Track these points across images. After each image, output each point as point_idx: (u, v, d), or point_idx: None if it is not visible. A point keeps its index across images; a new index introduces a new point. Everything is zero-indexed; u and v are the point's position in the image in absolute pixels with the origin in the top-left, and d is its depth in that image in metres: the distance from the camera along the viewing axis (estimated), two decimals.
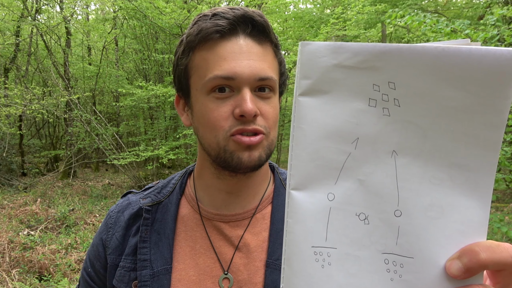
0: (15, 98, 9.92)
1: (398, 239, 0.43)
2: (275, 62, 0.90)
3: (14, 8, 13.19)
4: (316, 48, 0.43)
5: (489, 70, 0.39)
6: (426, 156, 0.42)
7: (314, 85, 0.44)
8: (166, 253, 0.91)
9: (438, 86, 0.41)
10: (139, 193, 1.04)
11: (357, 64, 0.42)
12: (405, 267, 0.43)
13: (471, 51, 0.39)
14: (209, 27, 0.83)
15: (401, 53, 0.41)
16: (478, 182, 0.42)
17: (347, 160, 0.44)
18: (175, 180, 1.03)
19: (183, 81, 0.91)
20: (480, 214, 0.42)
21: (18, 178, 12.03)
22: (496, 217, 4.36)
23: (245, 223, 0.94)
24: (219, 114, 0.82)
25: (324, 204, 0.44)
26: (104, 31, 15.16)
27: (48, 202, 8.78)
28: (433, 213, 0.42)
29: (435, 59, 0.40)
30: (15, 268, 5.18)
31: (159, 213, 0.96)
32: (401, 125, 0.43)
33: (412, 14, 4.65)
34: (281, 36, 12.18)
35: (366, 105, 0.43)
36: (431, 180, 0.42)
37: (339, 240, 0.44)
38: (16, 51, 12.72)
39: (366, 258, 0.44)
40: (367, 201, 0.44)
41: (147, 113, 14.10)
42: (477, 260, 0.40)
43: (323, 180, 0.45)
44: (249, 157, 0.83)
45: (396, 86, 0.42)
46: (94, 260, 1.00)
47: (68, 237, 6.49)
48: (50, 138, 17.19)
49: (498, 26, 4.47)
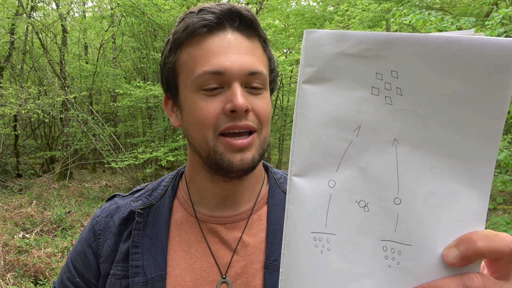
0: (10, 97, 9.93)
1: (397, 227, 0.44)
2: (264, 57, 0.90)
3: (9, 5, 13.21)
4: (321, 36, 0.44)
5: (491, 60, 0.40)
6: (426, 145, 0.43)
7: (317, 73, 0.45)
8: (159, 258, 0.89)
9: (440, 76, 0.42)
10: (127, 196, 1.02)
11: (361, 52, 0.43)
12: (403, 254, 0.44)
13: (473, 41, 0.40)
14: (195, 22, 0.83)
15: (405, 42, 0.42)
16: (477, 172, 0.43)
17: (348, 148, 0.45)
18: (165, 182, 1.02)
19: (171, 80, 0.91)
20: (479, 203, 0.43)
21: (13, 179, 12.05)
22: (503, 220, 4.36)
23: (241, 225, 0.93)
24: (209, 111, 0.81)
25: (325, 190, 0.46)
26: (101, 28, 15.16)
27: (44, 204, 8.79)
28: (432, 201, 0.43)
29: (437, 48, 0.41)
30: (10, 272, 5.19)
31: (151, 216, 0.94)
32: (403, 114, 0.43)
33: (417, 12, 4.66)
34: (283, 33, 12.18)
35: (368, 93, 0.44)
36: (431, 169, 0.43)
37: (339, 226, 0.46)
38: (11, 49, 12.72)
39: (365, 245, 0.45)
40: (367, 189, 0.45)
41: (146, 113, 14.11)
42: (474, 249, 0.41)
43: (325, 167, 0.46)
44: (241, 161, 0.82)
45: (399, 75, 0.43)
46: (82, 269, 0.95)
47: (65, 240, 6.49)
48: (46, 139, 17.19)
49: (505, 24, 4.48)
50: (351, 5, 10.37)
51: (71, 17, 15.28)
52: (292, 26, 14.72)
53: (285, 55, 14.65)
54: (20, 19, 12.37)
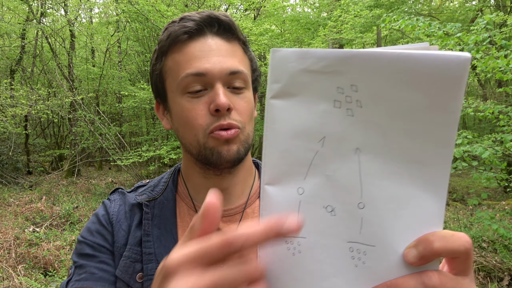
0: (21, 98, 9.91)
1: (361, 229, 0.45)
2: (245, 58, 0.91)
3: (19, 11, 13.19)
4: (285, 54, 0.45)
5: (441, 74, 0.41)
6: (386, 153, 0.44)
7: (283, 88, 0.46)
8: (172, 247, 0.89)
9: (395, 88, 0.42)
10: (131, 192, 1.03)
11: (322, 68, 0.44)
12: (368, 255, 0.45)
13: (423, 56, 0.41)
14: (177, 30, 0.85)
15: (361, 58, 0.43)
16: (434, 177, 0.44)
17: (315, 157, 0.46)
18: (165, 179, 1.03)
19: (159, 86, 0.92)
20: (436, 206, 0.44)
21: (24, 176, 12.03)
22: (487, 214, 4.37)
23: (237, 218, 0.94)
24: (196, 113, 0.83)
25: (294, 197, 0.47)
26: (107, 33, 15.16)
27: (53, 200, 8.78)
28: (393, 205, 0.44)
29: (391, 63, 0.42)
30: (21, 264, 5.18)
31: (156, 209, 0.95)
32: (364, 125, 0.44)
33: (406, 18, 4.66)
34: (279, 38, 12.17)
35: (331, 106, 0.45)
36: (391, 175, 0.44)
37: (308, 230, 0.47)
38: (21, 53, 12.69)
39: (333, 247, 0.46)
40: (334, 195, 0.46)
41: (149, 114, 14.11)
42: (431, 249, 0.42)
43: (294, 176, 0.47)
44: (227, 151, 0.83)
45: (358, 88, 0.44)
46: (99, 240, 0.92)
47: (72, 233, 6.49)
48: (55, 138, 17.17)
49: (489, 29, 4.48)
50: (344, 11, 10.36)
51: (78, 23, 15.27)
52: (288, 31, 14.72)
53: None
54: (31, 25, 12.32)
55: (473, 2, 13.83)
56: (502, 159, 4.81)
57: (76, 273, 0.89)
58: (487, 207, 7.86)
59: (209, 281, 0.39)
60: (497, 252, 5.23)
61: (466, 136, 4.51)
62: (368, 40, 15.48)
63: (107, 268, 0.90)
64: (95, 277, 0.88)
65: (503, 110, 4.49)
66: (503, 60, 4.12)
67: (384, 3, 11.98)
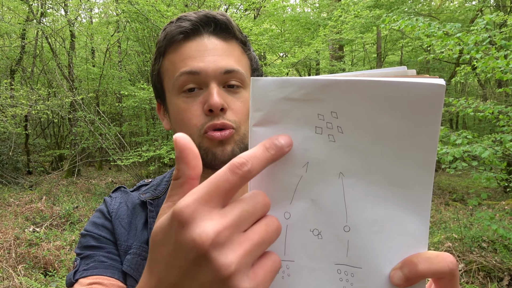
0: (21, 99, 9.91)
1: (348, 252, 0.46)
2: (243, 57, 0.90)
3: (20, 11, 13.18)
4: (265, 83, 0.45)
5: (416, 101, 0.41)
6: (369, 176, 0.45)
7: (265, 116, 0.46)
8: None
9: (374, 114, 0.43)
10: (134, 190, 1.02)
11: (302, 96, 0.44)
12: (355, 276, 0.46)
13: (399, 85, 0.41)
14: (173, 30, 0.85)
15: (340, 86, 0.43)
16: (416, 199, 0.44)
17: (299, 182, 0.46)
18: (167, 178, 1.02)
19: (158, 86, 0.93)
20: (420, 227, 0.44)
21: (24, 176, 12.02)
22: (487, 214, 4.37)
23: None
24: (191, 113, 0.83)
25: (281, 222, 0.46)
26: (107, 33, 15.14)
27: (53, 200, 8.77)
28: (377, 227, 0.45)
29: (368, 90, 0.42)
30: (21, 264, 5.18)
31: (160, 207, 0.94)
32: (345, 150, 0.45)
33: (406, 19, 4.66)
34: (279, 38, 12.17)
35: (313, 132, 0.45)
36: (374, 198, 0.45)
37: (296, 253, 0.47)
38: (21, 53, 12.69)
39: (321, 269, 0.47)
40: (319, 218, 0.46)
41: (149, 114, 14.10)
42: (416, 271, 0.42)
43: (280, 201, 0.47)
44: (222, 152, 0.83)
45: (338, 115, 0.44)
46: (106, 235, 0.91)
47: (72, 233, 6.49)
48: (55, 138, 17.16)
49: (489, 29, 4.48)
50: (344, 11, 10.35)
51: (78, 23, 15.27)
52: (288, 31, 14.73)
53: (281, 59, 14.63)
54: (31, 25, 12.32)
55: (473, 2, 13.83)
56: (502, 159, 4.81)
57: (83, 263, 0.87)
58: (487, 207, 7.86)
59: (232, 219, 0.38)
60: (497, 252, 5.23)
61: (466, 136, 4.51)
62: (368, 40, 15.48)
63: (116, 257, 0.89)
64: (104, 265, 0.86)
65: (503, 110, 4.49)
66: (503, 60, 4.11)
67: (384, 3, 11.99)
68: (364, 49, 17.80)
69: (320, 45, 10.88)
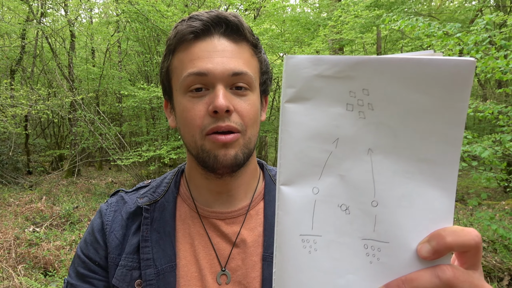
0: (21, 99, 9.90)
1: (375, 226, 0.47)
2: (253, 60, 0.89)
3: (20, 12, 13.19)
4: (299, 60, 0.47)
5: (447, 77, 0.43)
6: (397, 152, 0.46)
7: (298, 93, 0.48)
8: (169, 250, 0.89)
9: (405, 91, 0.45)
10: (132, 193, 1.02)
11: (335, 74, 0.46)
12: (382, 251, 0.47)
13: (431, 61, 0.43)
14: (184, 29, 0.85)
15: (372, 63, 0.45)
16: (443, 175, 0.45)
17: (329, 158, 0.48)
18: (168, 179, 1.02)
19: (166, 84, 0.93)
20: (446, 202, 0.46)
21: (24, 176, 12.02)
22: (487, 214, 4.37)
23: (240, 220, 0.93)
24: (195, 113, 0.82)
25: (309, 197, 0.49)
26: (107, 33, 15.15)
27: (53, 200, 8.77)
28: (405, 203, 0.46)
29: (400, 68, 0.44)
30: (21, 264, 5.18)
31: (157, 212, 0.94)
32: (375, 126, 0.46)
33: (406, 19, 4.66)
34: (279, 38, 12.16)
35: (344, 109, 0.47)
36: (402, 174, 0.46)
37: (324, 228, 0.48)
38: (21, 53, 12.68)
39: (348, 244, 0.48)
40: (348, 194, 0.48)
41: (149, 114, 14.09)
42: (444, 243, 0.44)
43: (309, 176, 0.49)
44: (224, 156, 0.82)
45: (370, 92, 0.46)
46: (96, 258, 0.93)
47: (72, 233, 6.48)
48: (55, 138, 17.17)
49: (488, 29, 4.48)
50: (344, 11, 10.34)
51: (79, 23, 15.27)
52: (288, 31, 14.71)
53: (281, 59, 14.63)
54: (31, 25, 12.32)
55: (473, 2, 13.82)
56: (502, 159, 4.81)
57: None
58: (487, 207, 7.85)
59: None
60: (497, 252, 5.23)
61: (466, 136, 4.51)
62: (368, 40, 15.47)
63: None
64: None
65: (503, 110, 4.49)
66: (502, 60, 4.11)
67: (384, 3, 11.98)
68: (364, 49, 17.79)
69: (320, 45, 10.86)
